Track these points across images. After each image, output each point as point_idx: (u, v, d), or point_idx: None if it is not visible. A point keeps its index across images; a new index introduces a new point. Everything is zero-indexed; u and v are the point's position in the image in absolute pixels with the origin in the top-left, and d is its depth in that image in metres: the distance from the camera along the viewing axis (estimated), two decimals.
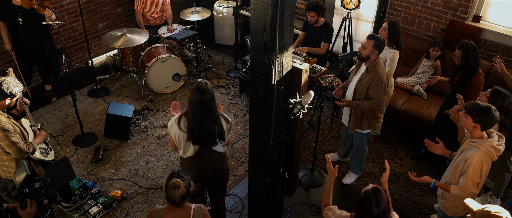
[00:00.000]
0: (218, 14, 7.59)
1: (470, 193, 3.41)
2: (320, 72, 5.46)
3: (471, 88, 4.51)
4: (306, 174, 5.14)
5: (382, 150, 5.56)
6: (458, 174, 3.49)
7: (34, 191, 3.17)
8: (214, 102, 3.44)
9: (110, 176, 5.05)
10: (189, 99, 3.42)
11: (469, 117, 3.34)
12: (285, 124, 3.31)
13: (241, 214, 4.67)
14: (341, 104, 4.42)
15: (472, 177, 3.36)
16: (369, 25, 6.69)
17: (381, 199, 2.70)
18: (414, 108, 5.50)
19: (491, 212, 2.64)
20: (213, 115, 3.44)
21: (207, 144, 3.58)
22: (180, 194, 2.97)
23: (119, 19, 7.28)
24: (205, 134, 3.48)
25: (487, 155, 3.35)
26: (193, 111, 3.39)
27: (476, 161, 3.33)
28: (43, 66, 5.97)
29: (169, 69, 6.24)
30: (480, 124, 3.32)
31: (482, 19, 5.72)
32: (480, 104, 3.33)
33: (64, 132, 5.65)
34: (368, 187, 2.79)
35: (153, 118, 5.99)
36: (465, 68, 4.48)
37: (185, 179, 3.03)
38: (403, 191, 4.94)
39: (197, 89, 3.36)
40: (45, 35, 5.71)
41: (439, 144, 3.82)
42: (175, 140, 3.63)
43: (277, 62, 2.81)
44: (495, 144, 3.36)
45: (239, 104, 6.37)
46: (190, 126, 3.46)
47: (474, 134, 3.41)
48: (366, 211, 2.69)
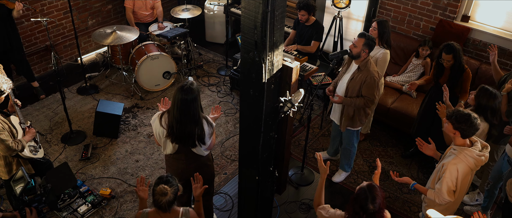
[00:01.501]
0: (209, 12, 7.57)
1: (444, 200, 3.40)
2: (311, 71, 5.48)
3: (462, 82, 4.59)
4: (296, 172, 5.15)
5: (372, 148, 5.59)
6: (436, 180, 3.50)
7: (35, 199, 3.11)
8: (197, 103, 3.42)
9: (99, 174, 5.02)
10: (173, 97, 3.43)
11: (449, 123, 3.34)
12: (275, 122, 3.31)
13: (231, 213, 4.67)
14: (335, 100, 4.43)
15: (446, 183, 3.35)
16: (360, 24, 6.72)
17: (376, 195, 2.71)
18: (403, 107, 5.54)
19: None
20: (194, 116, 3.42)
21: (185, 144, 3.56)
22: (167, 200, 2.96)
23: (109, 16, 7.24)
24: (184, 134, 3.46)
25: (465, 164, 3.33)
26: (175, 110, 3.40)
27: (452, 168, 3.32)
28: (19, 64, 5.88)
29: (159, 67, 6.22)
30: (459, 131, 3.30)
31: (470, 19, 5.77)
32: (460, 110, 3.32)
33: (52, 130, 5.61)
34: (363, 184, 2.80)
35: (143, 116, 5.96)
36: (456, 68, 4.53)
37: (173, 184, 3.02)
38: (392, 189, 4.97)
39: (181, 88, 3.37)
40: (13, 32, 5.59)
41: (431, 144, 3.80)
42: (156, 135, 3.65)
43: (268, 60, 2.81)
44: (475, 154, 3.33)
45: (230, 102, 6.36)
46: (170, 124, 3.46)
47: (456, 141, 3.40)
48: (362, 208, 2.70)
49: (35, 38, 6.36)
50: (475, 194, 4.84)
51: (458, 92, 4.67)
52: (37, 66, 6.58)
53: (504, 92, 4.19)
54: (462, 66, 4.53)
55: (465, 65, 4.60)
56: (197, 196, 3.35)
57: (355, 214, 2.76)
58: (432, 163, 4.81)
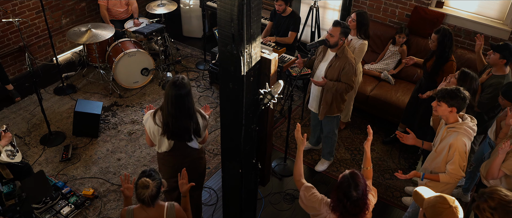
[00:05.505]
0: (185, 6, 7.51)
1: (459, 177, 3.48)
2: (289, 62, 5.49)
3: (443, 74, 4.60)
4: (279, 163, 5.18)
5: (353, 137, 5.65)
6: (444, 162, 3.54)
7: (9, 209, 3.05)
8: (191, 97, 3.42)
9: (80, 175, 4.96)
10: (165, 94, 3.40)
11: (443, 103, 3.39)
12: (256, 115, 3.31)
13: (216, 207, 4.67)
14: (319, 83, 4.41)
15: (459, 161, 3.43)
16: (336, 13, 6.75)
17: (359, 182, 2.73)
18: (382, 94, 5.60)
19: (438, 200, 2.51)
20: (188, 110, 3.42)
21: (182, 139, 3.55)
22: (149, 194, 2.93)
23: (83, 14, 7.12)
24: (180, 129, 3.46)
25: (467, 137, 3.43)
26: (169, 106, 3.37)
27: (460, 144, 3.40)
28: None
29: (137, 64, 6.15)
30: (455, 106, 3.37)
31: (444, 4, 5.85)
32: (447, 88, 3.39)
33: (30, 132, 5.51)
34: (345, 172, 2.81)
35: (122, 114, 5.90)
36: (439, 53, 4.57)
37: (156, 178, 2.99)
38: (374, 176, 5.03)
39: (173, 83, 3.34)
40: None
41: (409, 134, 3.87)
42: (150, 134, 3.61)
43: (246, 53, 2.80)
44: (472, 125, 3.46)
45: (210, 96, 6.34)
46: (165, 121, 3.44)
47: (450, 120, 3.47)
48: (345, 195, 2.71)
49: (7, 39, 6.22)
50: None
51: (438, 82, 4.71)
52: (12, 68, 6.44)
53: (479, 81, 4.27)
54: (447, 55, 4.55)
55: (452, 57, 4.61)
56: (183, 192, 3.34)
57: (339, 202, 2.78)
58: (412, 147, 4.88)
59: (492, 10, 5.57)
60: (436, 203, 2.51)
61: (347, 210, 2.75)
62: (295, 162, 3.30)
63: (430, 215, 2.52)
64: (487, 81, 4.28)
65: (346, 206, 2.73)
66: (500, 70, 4.24)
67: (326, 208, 2.92)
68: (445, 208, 2.46)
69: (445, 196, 2.52)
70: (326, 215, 2.91)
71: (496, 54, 4.15)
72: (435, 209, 2.49)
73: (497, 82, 4.19)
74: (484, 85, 4.29)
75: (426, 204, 2.57)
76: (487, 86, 4.26)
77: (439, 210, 2.47)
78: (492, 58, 4.19)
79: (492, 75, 4.27)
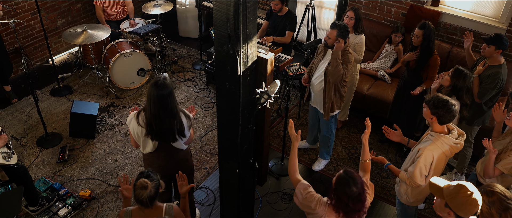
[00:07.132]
0: (181, 7, 7.50)
1: (415, 183, 3.44)
2: (286, 61, 5.49)
3: (429, 68, 4.65)
4: (276, 163, 5.18)
5: (350, 135, 5.66)
6: (410, 163, 3.54)
7: None
8: (173, 97, 3.41)
9: (77, 176, 4.94)
10: (147, 94, 3.40)
11: (427, 107, 3.35)
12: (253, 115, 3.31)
13: (213, 207, 4.67)
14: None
15: (419, 168, 3.37)
16: (332, 12, 6.76)
17: (356, 176, 2.73)
18: (379, 93, 5.61)
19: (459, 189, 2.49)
20: (171, 110, 3.41)
21: (166, 140, 3.54)
22: (148, 195, 2.92)
23: (79, 15, 7.10)
24: (164, 130, 3.45)
25: (441, 150, 3.35)
26: (151, 106, 3.37)
27: (427, 154, 3.34)
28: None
29: (133, 64, 6.14)
30: (436, 116, 3.31)
31: (440, 3, 5.87)
32: (439, 96, 3.33)
33: (27, 134, 5.49)
34: (339, 172, 2.81)
35: (119, 115, 5.89)
36: (424, 48, 4.59)
37: (154, 179, 2.99)
38: (371, 174, 5.02)
39: (155, 84, 3.34)
40: None
41: (397, 131, 3.84)
42: (134, 136, 3.60)
43: (242, 52, 2.80)
44: (452, 142, 3.35)
45: (207, 96, 6.34)
46: (148, 121, 3.43)
47: (434, 127, 3.41)
48: (346, 193, 2.70)
49: (3, 41, 6.19)
50: (452, 174, 4.95)
51: (424, 78, 4.73)
52: None
53: (476, 74, 4.29)
54: (431, 49, 4.58)
55: (435, 52, 4.65)
56: (183, 193, 3.34)
57: (340, 202, 2.77)
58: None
59: (487, 8, 5.59)
60: (458, 192, 2.49)
61: (350, 208, 2.75)
62: (289, 158, 3.30)
63: (455, 206, 2.50)
64: (485, 72, 4.30)
65: (348, 204, 2.73)
66: (496, 60, 4.27)
67: (322, 208, 2.91)
68: (468, 195, 2.45)
69: (462, 184, 2.50)
70: (322, 215, 2.91)
71: (491, 47, 4.18)
72: (459, 199, 2.47)
73: (495, 72, 4.23)
74: (481, 76, 4.31)
75: (447, 194, 2.53)
76: (485, 77, 4.29)
77: (463, 199, 2.46)
78: (488, 51, 4.21)
79: (489, 66, 4.29)
